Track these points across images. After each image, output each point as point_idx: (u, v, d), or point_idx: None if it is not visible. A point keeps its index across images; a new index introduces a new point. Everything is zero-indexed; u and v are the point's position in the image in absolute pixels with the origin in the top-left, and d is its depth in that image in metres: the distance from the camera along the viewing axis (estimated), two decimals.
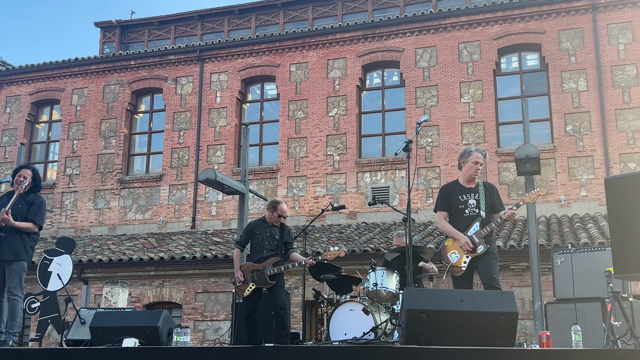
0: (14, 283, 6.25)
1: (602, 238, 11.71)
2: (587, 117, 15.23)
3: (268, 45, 17.84)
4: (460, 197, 5.94)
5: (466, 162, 6.01)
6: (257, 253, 7.23)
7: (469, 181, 6.02)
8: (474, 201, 5.92)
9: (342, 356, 4.09)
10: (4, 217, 6.19)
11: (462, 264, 5.77)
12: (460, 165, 6.08)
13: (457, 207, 5.93)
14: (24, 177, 6.48)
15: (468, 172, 6.01)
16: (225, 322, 13.73)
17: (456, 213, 5.93)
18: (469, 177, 6.01)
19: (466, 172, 6.02)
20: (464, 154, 6.08)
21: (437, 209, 6.09)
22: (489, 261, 5.75)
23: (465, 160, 6.02)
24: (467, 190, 5.98)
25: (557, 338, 6.74)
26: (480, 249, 5.73)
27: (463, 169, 6.06)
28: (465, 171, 6.03)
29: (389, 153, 16.44)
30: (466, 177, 6.03)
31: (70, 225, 18.24)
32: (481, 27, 16.37)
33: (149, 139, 18.79)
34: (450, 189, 6.06)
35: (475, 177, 6.03)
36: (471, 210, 5.89)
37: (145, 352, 4.65)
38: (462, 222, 5.87)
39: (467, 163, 6.00)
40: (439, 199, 6.09)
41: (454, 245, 5.86)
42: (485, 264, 5.73)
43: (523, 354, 3.91)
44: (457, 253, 5.81)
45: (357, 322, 6.27)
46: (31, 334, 14.07)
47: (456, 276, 5.83)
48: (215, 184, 9.91)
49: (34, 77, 19.71)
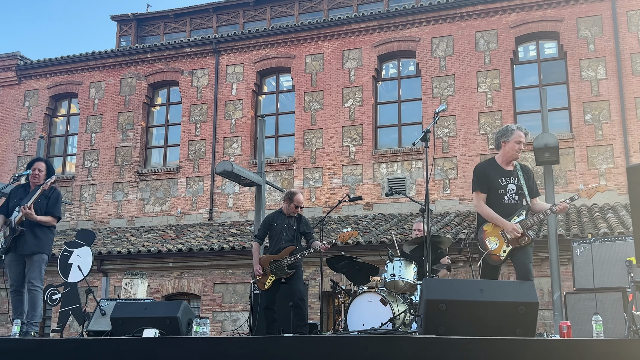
0: (34, 274, 6.34)
1: (622, 228, 11.59)
2: (606, 106, 15.05)
3: (283, 36, 17.82)
4: (500, 181, 5.42)
5: (507, 141, 5.47)
6: (275, 245, 7.27)
7: (508, 163, 5.50)
8: (513, 186, 5.43)
9: (361, 346, 4.10)
10: (27, 212, 6.27)
11: (502, 253, 5.33)
12: (500, 144, 5.53)
13: (497, 191, 5.41)
14: (39, 169, 6.56)
15: (509, 152, 5.46)
16: (243, 313, 13.81)
17: (494, 198, 5.41)
18: (511, 158, 5.48)
19: (507, 152, 5.47)
20: (505, 132, 5.52)
21: (475, 188, 5.51)
22: (526, 250, 5.34)
23: (507, 140, 5.47)
24: (507, 173, 5.46)
25: (577, 328, 6.69)
26: (523, 240, 5.30)
27: (503, 148, 5.49)
28: (507, 151, 5.47)
29: (405, 144, 16.38)
30: (506, 158, 5.49)
31: (90, 217, 18.41)
32: (498, 16, 16.21)
33: (165, 132, 18.88)
34: (489, 170, 5.49)
35: (517, 158, 5.51)
36: (510, 196, 5.41)
37: (165, 342, 4.69)
38: (500, 208, 5.37)
39: (509, 142, 5.46)
40: (476, 180, 5.51)
41: (494, 231, 5.38)
42: (522, 253, 5.32)
43: (544, 343, 3.89)
44: (497, 240, 5.35)
45: (374, 313, 6.27)
46: (52, 325, 14.26)
47: (490, 265, 5.42)
48: (232, 176, 9.94)
49: (52, 71, 19.87)
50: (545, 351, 3.76)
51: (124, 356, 4.55)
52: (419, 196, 14.76)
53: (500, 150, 5.55)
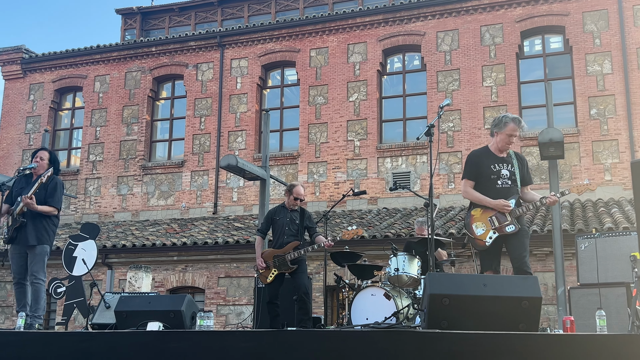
0: (37, 267, 6.31)
1: (627, 223, 11.57)
2: (611, 100, 14.99)
3: (288, 30, 17.78)
4: (492, 167, 5.47)
5: (500, 132, 5.54)
6: (278, 239, 7.27)
7: (501, 151, 5.57)
8: (507, 172, 5.48)
9: (364, 340, 4.10)
10: (28, 202, 6.22)
11: (487, 239, 5.34)
12: (493, 132, 5.62)
13: (489, 177, 5.45)
14: (41, 157, 6.52)
15: (501, 143, 5.54)
16: (247, 307, 13.84)
17: (486, 183, 5.44)
18: (502, 148, 5.56)
19: (499, 142, 5.55)
20: (499, 122, 5.58)
21: (465, 176, 5.59)
22: (522, 240, 5.32)
23: (500, 131, 5.54)
24: (500, 159, 5.52)
25: (581, 323, 6.68)
26: (510, 227, 5.30)
27: (496, 138, 5.58)
28: (498, 142, 5.55)
29: (409, 138, 16.35)
30: (498, 147, 5.57)
31: (94, 211, 18.47)
32: (503, 10, 16.14)
33: (170, 126, 18.90)
34: (481, 157, 5.56)
35: (508, 149, 5.59)
36: (504, 181, 5.44)
37: (169, 335, 4.70)
38: (493, 194, 5.39)
39: (501, 134, 5.53)
40: (467, 166, 5.59)
41: (482, 217, 5.40)
42: (517, 243, 5.31)
43: (547, 338, 3.88)
44: (484, 226, 5.37)
45: (378, 307, 6.28)
46: (57, 318, 14.32)
47: (481, 251, 5.44)
48: (236, 170, 9.94)
49: (57, 65, 19.90)
50: (549, 346, 3.76)
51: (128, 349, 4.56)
52: (423, 191, 14.75)
53: (493, 138, 5.63)
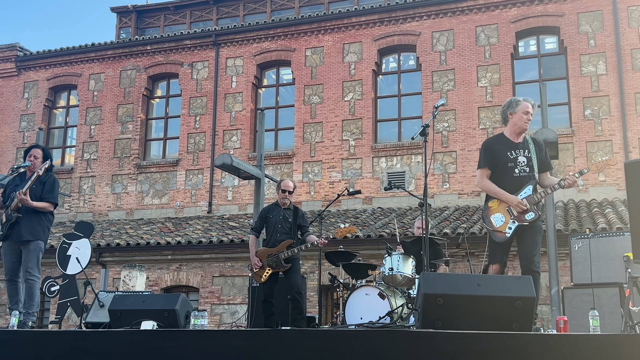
0: (31, 264, 6.28)
1: (621, 223, 11.61)
2: (606, 101, 15.04)
3: (283, 29, 17.78)
4: (509, 154, 5.23)
5: (514, 112, 5.30)
6: (271, 237, 7.27)
7: (518, 134, 5.31)
8: (524, 159, 5.23)
9: (358, 340, 4.11)
10: (22, 198, 6.20)
11: (507, 230, 5.15)
12: (507, 117, 5.36)
13: (506, 165, 5.21)
14: (35, 156, 6.51)
15: (518, 123, 5.27)
16: (241, 306, 13.84)
17: (503, 172, 5.22)
18: (519, 130, 5.30)
19: (516, 123, 5.29)
20: (510, 104, 5.36)
21: (480, 165, 5.35)
22: (534, 238, 5.14)
23: (514, 111, 5.30)
24: (516, 145, 5.28)
25: (574, 323, 6.71)
26: (530, 215, 5.10)
27: (511, 120, 5.32)
28: (515, 122, 5.29)
29: (404, 138, 16.37)
30: (515, 130, 5.30)
31: (89, 209, 18.42)
32: (499, 10, 16.17)
33: (165, 124, 18.87)
34: (497, 144, 5.31)
35: (526, 129, 5.33)
36: (521, 169, 5.21)
37: (163, 334, 4.70)
38: (510, 182, 5.19)
39: (516, 113, 5.29)
40: (482, 155, 5.35)
41: (500, 208, 5.21)
42: (529, 240, 5.14)
43: (541, 338, 3.90)
44: (503, 216, 5.17)
45: (372, 307, 6.28)
46: (51, 316, 14.28)
47: (496, 242, 5.22)
48: (231, 169, 9.94)
49: (51, 63, 19.84)
50: (542, 346, 3.77)
51: (122, 348, 4.56)
52: (418, 190, 14.77)
53: (508, 123, 5.38)
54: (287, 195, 7.27)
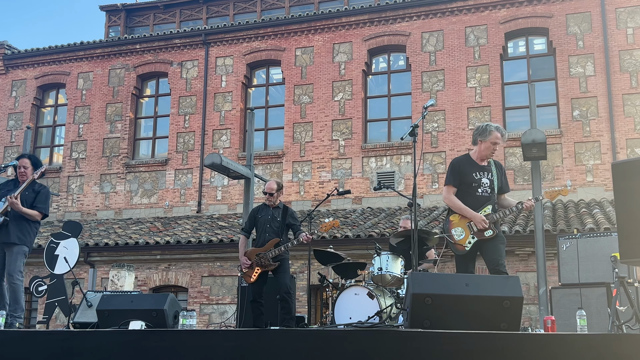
0: (13, 267, 6.32)
1: (608, 223, 11.69)
2: (594, 102, 15.14)
3: (273, 29, 17.76)
4: (474, 175, 5.60)
5: (484, 140, 5.63)
6: (260, 236, 7.27)
7: (482, 159, 5.68)
8: (487, 180, 5.62)
9: (347, 340, 4.11)
10: (13, 202, 6.26)
11: (467, 244, 5.48)
12: (476, 141, 5.70)
13: (470, 184, 5.59)
14: (24, 167, 6.55)
15: (484, 151, 5.65)
16: (230, 306, 13.81)
17: (468, 190, 5.59)
18: (484, 157, 5.67)
19: (482, 151, 5.66)
20: (483, 131, 5.66)
21: (448, 182, 5.70)
22: (497, 245, 5.48)
23: (484, 139, 5.63)
24: (481, 168, 5.65)
25: (562, 323, 6.75)
26: (488, 232, 5.45)
27: (479, 146, 5.67)
28: (482, 150, 5.66)
29: (394, 138, 16.40)
30: (481, 156, 5.68)
31: (77, 209, 18.32)
32: (488, 11, 16.24)
33: (154, 123, 18.79)
34: (464, 165, 5.67)
35: (490, 157, 5.71)
36: (484, 190, 5.59)
37: (151, 334, 4.68)
38: (473, 201, 5.54)
39: (485, 142, 5.63)
40: (450, 173, 5.70)
41: (460, 222, 5.54)
42: (492, 248, 5.46)
43: (528, 338, 3.92)
44: (463, 231, 5.51)
45: (362, 306, 6.29)
46: (38, 316, 14.18)
47: (459, 255, 5.55)
48: (220, 169, 9.92)
49: (40, 61, 19.70)
50: (530, 345, 3.79)
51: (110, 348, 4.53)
52: (407, 190, 14.80)
53: (476, 147, 5.73)
54: (269, 197, 7.27)
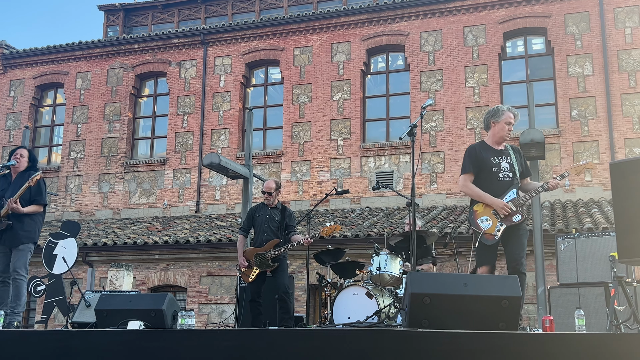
0: (19, 264, 6.29)
1: (606, 223, 11.70)
2: (592, 102, 15.15)
3: (272, 28, 17.75)
4: (492, 159, 5.38)
5: (497, 121, 5.45)
6: (258, 236, 7.25)
7: (498, 143, 5.48)
8: (507, 165, 5.38)
9: (346, 339, 4.11)
10: (13, 207, 6.21)
11: (495, 232, 5.21)
12: (489, 124, 5.51)
13: (490, 170, 5.35)
14: (20, 155, 6.51)
15: (499, 132, 5.44)
16: (229, 306, 13.81)
17: (488, 177, 5.34)
18: (500, 139, 5.47)
19: (497, 132, 5.46)
20: (495, 112, 5.49)
21: (465, 170, 5.45)
22: (520, 240, 5.25)
23: (497, 120, 5.45)
24: (499, 152, 5.44)
25: (560, 322, 6.76)
26: (517, 217, 5.21)
27: (493, 129, 5.49)
28: (497, 132, 5.46)
29: (393, 138, 16.41)
30: (496, 139, 5.47)
31: (75, 208, 18.30)
32: (487, 11, 16.24)
33: (153, 123, 18.78)
34: (480, 150, 5.45)
35: (507, 138, 5.51)
36: (505, 174, 5.35)
37: (150, 334, 4.68)
38: (495, 186, 5.30)
39: (499, 123, 5.44)
40: (467, 160, 5.47)
41: (486, 211, 5.29)
42: (516, 241, 5.24)
43: (526, 337, 3.92)
44: (490, 219, 5.25)
45: (360, 306, 6.29)
46: (37, 316, 14.17)
47: (485, 245, 5.24)
48: (219, 168, 9.91)
49: (38, 61, 19.68)
50: (528, 345, 3.79)
51: (109, 348, 4.53)
52: (406, 190, 14.81)
53: (490, 131, 5.54)
54: (268, 196, 7.26)
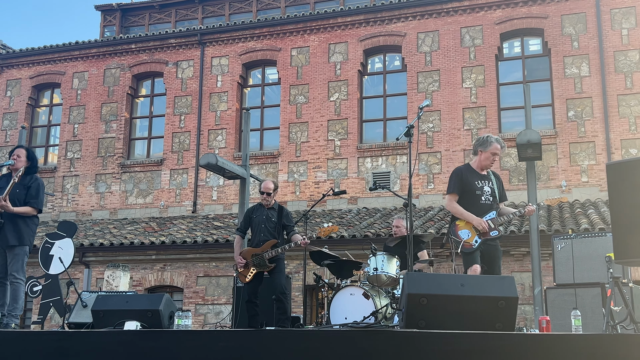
0: (16, 267, 6.23)
1: (603, 224, 11.72)
2: (589, 103, 15.18)
3: (269, 29, 17.75)
4: (476, 183, 5.89)
5: (484, 151, 5.94)
6: (255, 237, 7.26)
7: (482, 169, 5.99)
8: (489, 189, 5.91)
9: (343, 340, 4.11)
10: (2, 204, 6.09)
11: (474, 242, 5.74)
12: (477, 151, 6.00)
13: (474, 192, 5.86)
14: (18, 155, 6.38)
15: (484, 161, 5.96)
16: (226, 306, 13.80)
17: (471, 198, 5.85)
18: (485, 167, 5.98)
19: (483, 160, 5.97)
20: (484, 142, 5.98)
21: (451, 191, 5.97)
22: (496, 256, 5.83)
23: (484, 149, 5.95)
24: (482, 177, 5.96)
25: (557, 323, 6.77)
26: (494, 232, 5.75)
27: (479, 156, 5.99)
28: (482, 160, 5.97)
29: (390, 138, 16.42)
30: (481, 165, 5.99)
31: (72, 209, 18.27)
32: (483, 12, 16.26)
33: (149, 123, 18.76)
34: (466, 173, 5.96)
35: (490, 167, 6.01)
36: (487, 197, 5.87)
37: (146, 335, 4.68)
38: (478, 208, 5.81)
39: (485, 152, 5.94)
40: (453, 182, 5.97)
41: (467, 226, 5.80)
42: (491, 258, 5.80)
43: (523, 338, 3.93)
44: (469, 232, 5.77)
45: (357, 307, 6.28)
46: (33, 317, 14.15)
47: (466, 253, 5.75)
48: (216, 169, 9.91)
49: (35, 61, 19.64)
50: (525, 345, 3.80)
51: (105, 349, 4.53)
52: (403, 191, 14.81)
53: (476, 157, 6.02)
54: (266, 196, 7.25)
